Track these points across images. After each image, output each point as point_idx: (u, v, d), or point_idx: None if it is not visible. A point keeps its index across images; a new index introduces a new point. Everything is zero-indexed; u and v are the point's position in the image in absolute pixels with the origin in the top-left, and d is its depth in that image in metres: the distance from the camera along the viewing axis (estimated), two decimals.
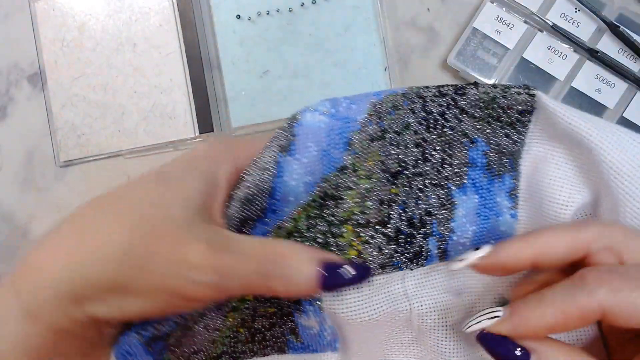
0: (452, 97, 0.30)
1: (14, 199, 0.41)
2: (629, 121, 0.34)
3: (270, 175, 0.27)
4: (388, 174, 0.28)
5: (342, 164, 0.27)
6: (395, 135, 0.29)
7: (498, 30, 0.35)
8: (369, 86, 0.37)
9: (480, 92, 0.30)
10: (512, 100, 0.30)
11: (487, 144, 0.30)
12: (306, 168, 0.27)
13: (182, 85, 0.38)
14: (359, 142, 0.28)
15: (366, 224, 0.28)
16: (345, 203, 0.27)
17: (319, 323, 0.29)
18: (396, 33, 0.38)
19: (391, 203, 0.28)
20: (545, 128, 0.30)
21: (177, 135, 0.38)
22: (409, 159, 0.29)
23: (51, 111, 0.40)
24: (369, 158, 0.27)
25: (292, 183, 0.27)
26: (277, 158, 0.27)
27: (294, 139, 0.27)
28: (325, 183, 0.27)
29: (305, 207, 0.27)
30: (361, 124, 0.28)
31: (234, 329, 0.30)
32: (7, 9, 0.42)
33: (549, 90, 0.35)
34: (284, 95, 0.38)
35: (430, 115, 0.29)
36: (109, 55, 0.39)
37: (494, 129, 0.30)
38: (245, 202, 0.27)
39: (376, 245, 0.28)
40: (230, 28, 0.38)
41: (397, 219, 0.28)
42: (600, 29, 0.34)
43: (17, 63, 0.41)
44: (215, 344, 0.30)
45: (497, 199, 0.30)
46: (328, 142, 0.27)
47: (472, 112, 0.30)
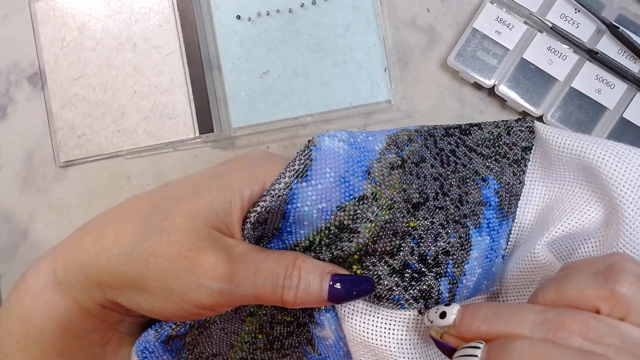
0: (458, 137, 0.30)
1: (14, 199, 0.41)
2: (628, 122, 0.34)
3: (282, 202, 0.26)
4: (410, 204, 0.27)
5: (361, 194, 0.26)
6: (414, 167, 0.28)
7: (498, 30, 0.35)
8: (369, 86, 0.37)
9: (484, 132, 0.30)
10: (515, 137, 0.30)
11: (498, 182, 0.30)
12: (321, 194, 0.26)
13: (182, 85, 0.38)
14: (379, 171, 0.27)
15: (372, 252, 0.27)
16: (361, 237, 0.26)
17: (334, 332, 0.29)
18: (396, 33, 0.38)
19: (405, 235, 0.27)
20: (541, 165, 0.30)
21: (177, 136, 0.38)
22: (430, 190, 0.28)
23: (51, 111, 0.40)
24: (390, 186, 0.26)
25: (305, 209, 0.26)
26: (292, 185, 0.26)
27: (311, 163, 0.26)
28: (342, 212, 0.26)
29: (320, 232, 0.27)
30: (380, 153, 0.27)
31: (252, 335, 0.30)
32: (7, 9, 0.42)
33: (548, 90, 0.35)
34: (284, 95, 0.38)
35: (442, 152, 0.29)
36: (109, 55, 0.39)
37: (502, 166, 0.30)
38: (258, 224, 0.27)
39: (376, 274, 0.27)
40: (230, 28, 0.38)
41: (408, 253, 0.27)
42: (600, 30, 0.34)
43: (17, 63, 0.41)
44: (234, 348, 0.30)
45: (501, 241, 0.30)
46: (347, 169, 0.26)
47: (481, 151, 0.30)
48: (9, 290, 0.41)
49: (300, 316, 0.30)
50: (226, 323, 0.30)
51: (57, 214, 0.41)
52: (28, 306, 0.26)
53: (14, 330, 0.26)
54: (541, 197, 0.31)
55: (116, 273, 0.25)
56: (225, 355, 0.30)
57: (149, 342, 0.28)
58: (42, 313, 0.25)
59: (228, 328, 0.30)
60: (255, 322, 0.30)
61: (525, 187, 0.31)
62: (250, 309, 0.30)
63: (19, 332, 0.25)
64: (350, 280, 0.26)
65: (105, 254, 0.25)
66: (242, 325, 0.30)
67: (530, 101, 0.35)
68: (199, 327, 0.29)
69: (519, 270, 0.30)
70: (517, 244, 0.31)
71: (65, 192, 0.41)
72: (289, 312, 0.30)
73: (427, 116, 0.37)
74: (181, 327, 0.28)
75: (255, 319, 0.30)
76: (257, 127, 0.38)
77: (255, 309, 0.30)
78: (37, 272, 0.26)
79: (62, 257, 0.26)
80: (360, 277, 0.27)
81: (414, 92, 0.37)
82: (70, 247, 0.26)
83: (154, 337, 0.28)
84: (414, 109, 0.37)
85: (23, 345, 0.25)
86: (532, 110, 0.35)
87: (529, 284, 0.30)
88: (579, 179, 0.29)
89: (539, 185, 0.31)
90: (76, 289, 0.25)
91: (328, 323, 0.29)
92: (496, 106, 0.37)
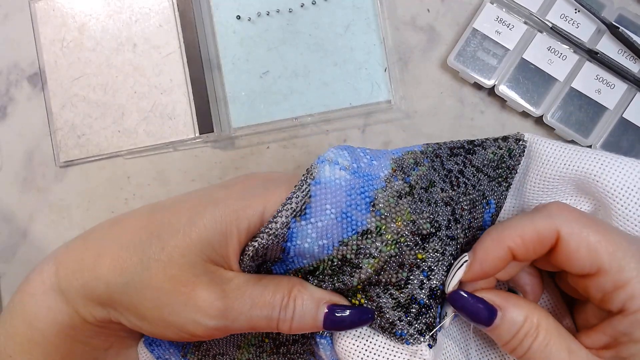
0: (464, 157, 0.28)
1: (14, 199, 0.41)
2: (628, 122, 0.34)
3: (281, 239, 0.25)
4: (418, 237, 0.25)
5: (365, 228, 0.24)
6: (424, 192, 0.26)
7: (498, 30, 0.35)
8: (369, 86, 0.37)
9: (488, 152, 0.29)
10: (515, 161, 0.29)
11: (496, 206, 0.29)
12: (321, 232, 0.25)
13: (182, 85, 0.38)
14: (384, 201, 0.25)
15: (377, 282, 0.26)
16: (363, 273, 0.25)
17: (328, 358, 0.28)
18: (396, 33, 0.38)
19: (413, 268, 0.25)
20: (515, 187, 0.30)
21: (177, 136, 0.38)
22: (442, 218, 0.26)
23: (51, 111, 0.40)
24: (397, 218, 0.25)
25: (305, 245, 0.25)
26: (290, 224, 0.25)
27: (310, 200, 0.24)
28: (344, 247, 0.25)
29: (322, 262, 0.26)
30: (385, 181, 0.25)
31: (259, 338, 0.30)
32: (7, 9, 0.42)
33: (548, 91, 0.35)
34: (284, 95, 0.38)
35: (451, 173, 0.27)
36: (109, 55, 0.39)
37: (501, 190, 0.29)
38: (257, 257, 0.26)
39: (378, 305, 0.26)
40: (230, 28, 0.38)
41: (417, 286, 0.25)
42: (600, 30, 0.34)
43: (17, 63, 0.41)
44: (240, 350, 0.30)
45: None
46: (348, 203, 0.24)
47: (487, 172, 0.28)
48: (9, 290, 0.41)
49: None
50: None
51: (57, 214, 0.41)
52: (32, 310, 0.26)
53: (18, 333, 0.26)
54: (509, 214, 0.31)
55: (115, 300, 0.25)
56: (231, 356, 0.30)
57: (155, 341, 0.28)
58: (45, 318, 0.25)
59: None
60: None
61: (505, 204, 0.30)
62: None
63: (22, 336, 0.26)
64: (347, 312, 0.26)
65: (105, 280, 0.25)
66: None
67: (530, 101, 0.35)
68: None
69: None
70: None
71: (65, 192, 0.41)
72: None
73: (427, 116, 0.37)
74: None
75: None
76: (257, 127, 0.38)
77: None
78: (40, 276, 0.26)
79: (64, 269, 0.26)
80: (358, 309, 0.26)
81: (414, 92, 0.37)
82: (71, 260, 0.26)
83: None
84: (414, 109, 0.37)
85: (27, 348, 0.26)
86: (532, 110, 0.35)
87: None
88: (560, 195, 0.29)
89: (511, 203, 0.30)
90: (78, 303, 0.26)
91: (323, 349, 0.28)
92: (496, 106, 0.37)
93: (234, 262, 0.26)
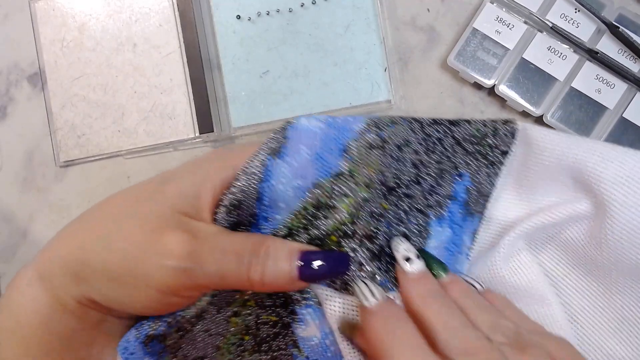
0: (446, 127, 0.29)
1: (14, 199, 0.41)
2: (628, 122, 0.34)
3: (257, 180, 0.25)
4: (385, 187, 0.26)
5: (338, 170, 0.25)
6: (396, 149, 0.27)
7: (498, 30, 0.35)
8: (369, 86, 0.37)
9: (472, 128, 0.30)
10: (499, 141, 0.30)
11: (472, 181, 0.30)
12: (296, 171, 0.25)
13: (182, 85, 0.38)
14: (357, 149, 0.26)
15: (352, 234, 0.26)
16: (339, 213, 0.25)
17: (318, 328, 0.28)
18: (396, 33, 0.38)
19: (380, 218, 0.26)
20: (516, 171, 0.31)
21: (177, 136, 0.38)
22: (404, 177, 0.28)
23: (51, 111, 0.40)
24: (368, 165, 0.26)
25: (280, 187, 0.25)
26: (266, 162, 0.25)
27: (286, 141, 0.26)
28: (318, 189, 0.25)
29: (297, 215, 0.26)
30: (359, 133, 0.27)
31: (238, 336, 0.29)
32: (7, 9, 0.42)
33: (548, 90, 0.35)
34: (284, 95, 0.38)
35: (429, 137, 0.29)
36: (109, 55, 0.39)
37: (479, 166, 0.30)
38: (233, 208, 0.26)
39: (357, 260, 0.26)
40: (230, 28, 0.38)
41: (384, 237, 0.27)
42: (600, 30, 0.34)
43: (17, 63, 0.41)
44: (220, 350, 0.29)
45: (463, 237, 0.30)
46: (322, 146, 0.26)
47: (465, 146, 0.30)
48: None
49: (283, 315, 0.29)
50: (210, 324, 0.29)
51: (57, 214, 0.41)
52: (16, 303, 0.26)
53: (5, 327, 0.26)
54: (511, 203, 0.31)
55: (87, 262, 0.25)
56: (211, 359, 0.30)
57: (129, 342, 0.28)
58: (28, 310, 0.25)
59: (212, 330, 0.29)
60: (241, 322, 0.29)
61: (495, 189, 0.31)
62: (234, 309, 0.29)
63: (8, 329, 0.26)
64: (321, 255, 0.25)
65: (79, 245, 0.25)
66: (227, 326, 0.29)
67: (530, 101, 0.35)
68: (180, 330, 0.28)
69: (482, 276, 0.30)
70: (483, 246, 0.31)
71: (65, 192, 0.41)
72: (273, 311, 0.29)
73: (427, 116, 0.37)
74: (159, 324, 0.28)
75: (240, 320, 0.29)
76: (257, 127, 0.38)
77: (239, 309, 0.29)
78: (26, 269, 0.26)
79: (46, 253, 0.26)
80: (333, 252, 0.26)
81: (414, 92, 0.37)
82: (53, 243, 0.26)
83: (134, 337, 0.27)
84: (414, 109, 0.37)
85: (13, 342, 0.25)
86: (532, 110, 0.35)
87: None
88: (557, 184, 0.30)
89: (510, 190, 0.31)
90: (55, 284, 0.25)
91: (311, 318, 0.28)
92: (496, 106, 0.37)
93: (207, 215, 0.25)
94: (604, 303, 0.31)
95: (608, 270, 0.29)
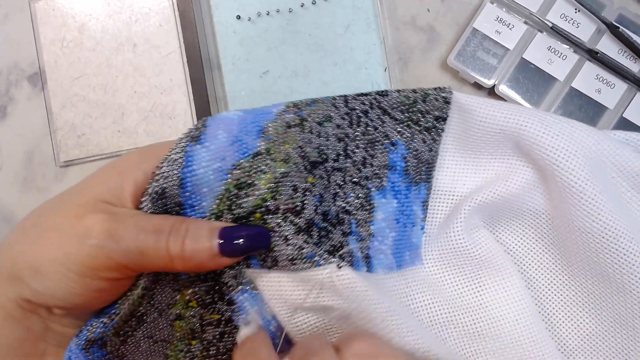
0: (374, 97, 0.30)
1: (14, 199, 0.41)
2: (628, 121, 0.34)
3: (178, 166, 0.26)
4: (307, 162, 0.27)
5: (256, 150, 0.26)
6: (317, 125, 0.28)
7: (498, 30, 0.35)
8: (369, 86, 0.37)
9: (401, 95, 0.30)
10: (430, 106, 0.30)
11: (407, 148, 0.30)
12: (214, 154, 0.26)
13: (182, 85, 0.38)
14: (274, 129, 0.27)
15: (275, 210, 0.26)
16: (258, 189, 0.26)
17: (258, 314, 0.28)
18: (396, 33, 0.38)
19: (306, 192, 0.27)
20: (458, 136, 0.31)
21: (177, 135, 0.38)
22: (331, 151, 0.28)
23: (51, 111, 0.40)
24: (285, 142, 0.27)
25: (201, 171, 0.26)
26: (187, 148, 0.26)
27: (205, 129, 0.26)
28: (238, 170, 0.26)
29: (221, 199, 0.27)
30: (277, 114, 0.27)
31: (185, 342, 0.29)
32: (7, 9, 0.42)
33: (548, 90, 0.35)
34: (284, 95, 0.38)
35: (353, 111, 0.29)
36: (109, 55, 0.39)
37: (413, 132, 0.30)
38: (157, 196, 0.26)
39: (282, 234, 0.26)
40: (230, 28, 0.38)
41: (312, 211, 0.27)
42: (600, 30, 0.34)
43: (17, 63, 0.41)
44: (169, 358, 0.29)
45: (413, 207, 0.30)
46: (240, 129, 0.27)
47: (394, 114, 0.30)
48: None
49: (223, 309, 0.28)
50: (154, 330, 0.28)
51: None
52: None
53: None
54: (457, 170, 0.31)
55: (16, 259, 0.25)
56: None
57: (72, 351, 0.27)
58: None
59: (157, 335, 0.28)
60: (185, 326, 0.28)
61: (439, 158, 0.31)
62: (177, 312, 0.28)
63: None
64: (241, 230, 0.26)
65: (8, 244, 0.26)
66: (171, 330, 0.28)
67: (530, 101, 0.35)
68: (120, 334, 0.28)
69: (439, 248, 0.30)
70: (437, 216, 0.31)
71: None
72: (214, 308, 0.28)
73: None
74: (96, 326, 0.27)
75: (184, 323, 0.28)
76: None
77: (182, 311, 0.28)
78: None
79: None
80: (252, 226, 0.26)
81: None
82: None
83: (75, 344, 0.27)
84: None
85: None
86: None
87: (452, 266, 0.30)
88: (500, 149, 0.30)
89: (454, 156, 0.31)
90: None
91: (249, 304, 0.28)
92: None
93: (129, 204, 0.26)
94: (568, 277, 0.31)
95: (567, 242, 0.30)
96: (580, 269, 0.30)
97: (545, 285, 0.31)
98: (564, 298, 0.31)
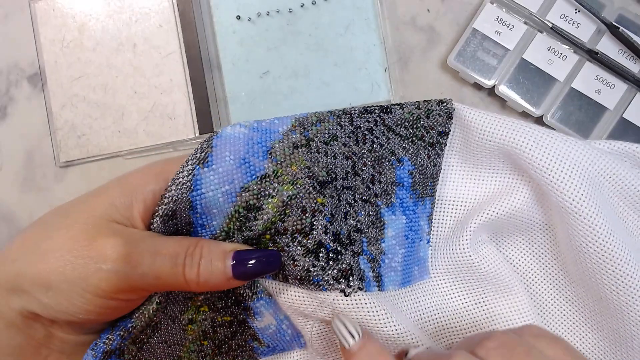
0: (378, 115, 0.30)
1: (14, 199, 0.41)
2: (628, 122, 0.34)
3: (187, 190, 0.26)
4: (315, 182, 0.27)
5: (263, 172, 0.26)
6: (323, 145, 0.28)
7: (498, 31, 0.35)
8: (369, 86, 0.37)
9: (405, 112, 0.30)
10: (433, 121, 0.30)
11: (413, 164, 0.30)
12: (222, 177, 0.26)
13: (182, 86, 0.38)
14: (281, 150, 0.27)
15: (284, 231, 0.27)
16: (265, 214, 0.26)
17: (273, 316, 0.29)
18: (396, 33, 0.38)
19: (315, 213, 0.27)
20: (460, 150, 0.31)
21: (177, 136, 0.38)
22: (339, 170, 0.28)
23: (51, 111, 0.40)
24: (292, 163, 0.27)
25: (210, 194, 0.26)
26: (194, 172, 0.26)
27: (211, 150, 0.26)
28: (246, 192, 0.26)
29: (231, 218, 0.27)
30: (283, 134, 0.27)
31: (197, 343, 0.29)
32: (7, 9, 0.42)
33: (548, 91, 0.35)
34: (284, 95, 0.38)
35: (358, 129, 0.29)
36: (109, 55, 0.39)
37: (417, 148, 0.30)
38: (167, 218, 0.26)
39: (291, 255, 0.27)
40: (230, 28, 0.38)
41: (322, 232, 0.27)
42: (600, 30, 0.34)
43: (17, 63, 0.41)
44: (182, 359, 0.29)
45: (420, 222, 0.31)
46: (246, 150, 0.27)
47: (399, 131, 0.30)
48: None
49: (237, 313, 0.29)
50: (167, 335, 0.29)
51: None
52: None
53: None
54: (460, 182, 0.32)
55: (22, 273, 0.25)
56: None
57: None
58: None
59: (170, 340, 0.29)
60: (197, 329, 0.29)
61: (442, 171, 0.31)
62: (189, 317, 0.29)
63: None
64: (253, 254, 0.26)
65: (13, 258, 0.25)
66: (184, 334, 0.29)
67: (530, 101, 0.35)
68: (137, 342, 0.28)
69: (446, 263, 0.31)
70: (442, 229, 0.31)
71: (65, 192, 0.41)
72: (227, 312, 0.29)
73: None
74: (113, 338, 0.28)
75: (196, 326, 0.29)
76: None
77: (193, 316, 0.29)
78: None
79: None
80: (264, 250, 0.27)
81: (414, 92, 0.37)
82: None
83: (91, 357, 0.27)
84: None
85: None
86: (532, 111, 0.35)
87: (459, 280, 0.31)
88: (500, 164, 0.30)
89: (457, 169, 0.32)
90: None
91: (265, 308, 0.28)
92: (496, 106, 0.37)
93: (139, 224, 0.26)
94: (571, 293, 0.31)
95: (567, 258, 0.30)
96: (581, 286, 0.30)
97: (549, 300, 0.31)
98: (567, 313, 0.31)
